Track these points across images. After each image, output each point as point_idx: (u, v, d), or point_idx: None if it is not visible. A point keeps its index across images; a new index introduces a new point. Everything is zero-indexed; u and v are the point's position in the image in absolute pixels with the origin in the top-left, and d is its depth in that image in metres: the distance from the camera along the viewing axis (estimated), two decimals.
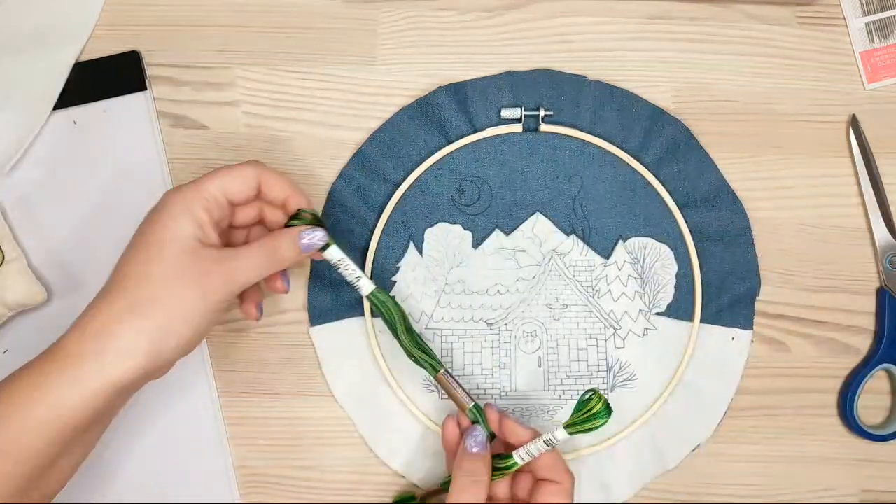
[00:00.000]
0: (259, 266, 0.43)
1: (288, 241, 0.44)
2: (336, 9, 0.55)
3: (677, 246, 0.53)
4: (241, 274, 0.43)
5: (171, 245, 0.41)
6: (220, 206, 0.43)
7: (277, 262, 0.44)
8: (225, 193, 0.44)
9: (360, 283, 0.46)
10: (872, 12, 0.56)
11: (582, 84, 0.54)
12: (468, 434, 0.45)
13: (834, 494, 0.53)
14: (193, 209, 0.42)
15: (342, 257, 0.46)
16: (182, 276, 0.41)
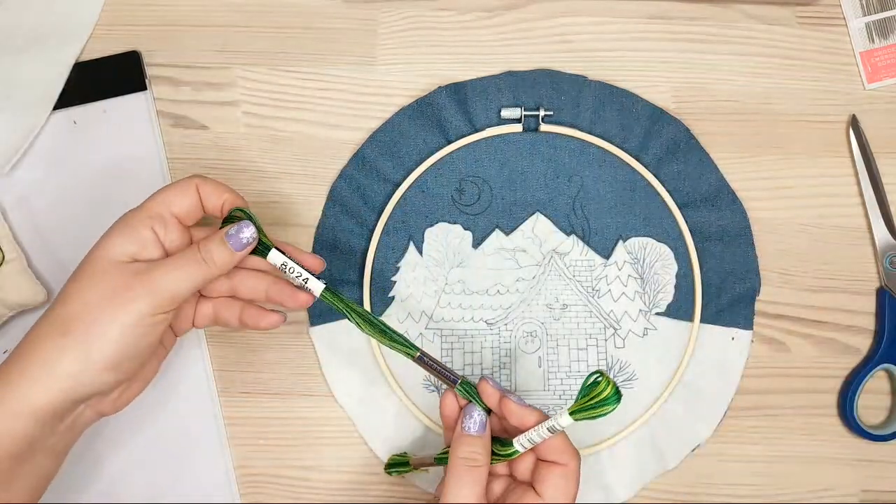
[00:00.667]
0: (188, 273, 0.41)
1: (216, 242, 0.42)
2: (336, 9, 0.55)
3: (677, 246, 0.53)
4: (167, 283, 0.40)
5: (99, 262, 0.41)
6: (165, 222, 0.42)
7: (210, 266, 0.42)
8: (169, 208, 0.43)
9: (310, 285, 0.44)
10: (872, 12, 0.56)
11: (582, 84, 0.54)
12: (465, 414, 0.43)
13: (834, 494, 0.53)
14: (136, 228, 0.41)
15: (284, 260, 0.44)
16: (101, 291, 0.40)
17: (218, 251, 0.42)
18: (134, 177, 0.54)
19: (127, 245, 0.41)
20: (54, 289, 0.52)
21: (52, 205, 0.53)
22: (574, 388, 0.52)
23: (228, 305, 0.46)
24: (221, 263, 0.42)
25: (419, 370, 0.52)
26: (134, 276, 0.40)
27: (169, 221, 0.43)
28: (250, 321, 0.46)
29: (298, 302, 0.45)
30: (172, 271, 0.41)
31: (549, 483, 0.42)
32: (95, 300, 0.40)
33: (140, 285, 0.40)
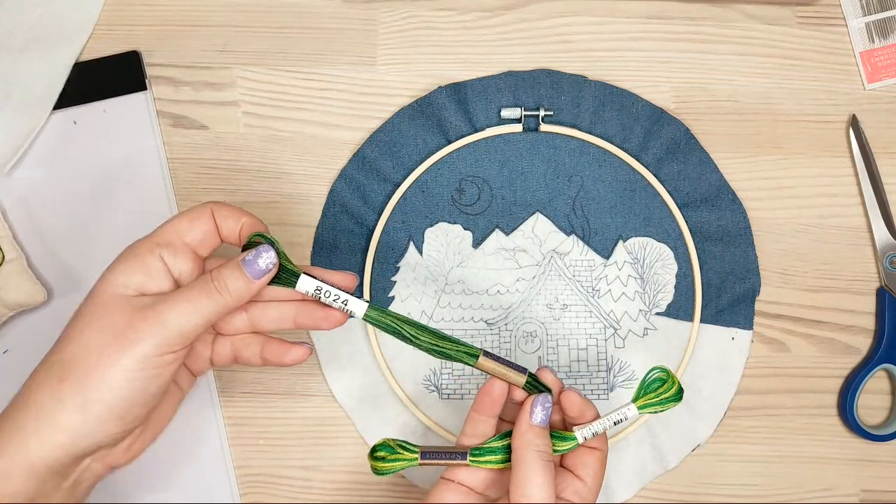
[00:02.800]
0: (199, 306, 0.36)
1: (230, 269, 0.38)
2: (336, 9, 0.55)
3: (677, 246, 0.53)
4: (175, 318, 0.36)
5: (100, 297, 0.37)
6: (175, 250, 0.38)
7: (224, 297, 0.37)
8: (180, 237, 0.39)
9: (351, 307, 0.40)
10: (872, 12, 0.56)
11: (582, 84, 0.54)
12: (536, 404, 0.40)
13: (834, 494, 0.53)
14: (142, 256, 0.38)
15: (319, 284, 0.40)
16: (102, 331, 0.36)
17: (233, 280, 0.37)
18: (134, 177, 0.54)
19: (132, 275, 0.37)
20: (54, 289, 0.52)
21: (52, 205, 0.53)
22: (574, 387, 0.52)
23: (249, 342, 0.42)
24: (237, 294, 0.37)
25: (419, 370, 0.52)
26: (138, 313, 0.36)
27: (180, 250, 0.38)
28: (273, 357, 0.41)
29: (334, 322, 0.41)
30: (181, 304, 0.36)
31: (590, 468, 0.41)
32: (95, 342, 0.36)
33: (144, 323, 0.36)
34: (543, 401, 0.41)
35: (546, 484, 0.38)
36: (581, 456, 0.42)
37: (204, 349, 0.42)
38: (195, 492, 0.52)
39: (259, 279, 0.38)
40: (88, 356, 0.35)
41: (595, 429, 0.41)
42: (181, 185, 0.54)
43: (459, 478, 0.42)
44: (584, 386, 0.52)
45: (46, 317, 0.52)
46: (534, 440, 0.40)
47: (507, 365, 0.42)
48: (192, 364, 0.42)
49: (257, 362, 0.42)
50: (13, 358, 0.52)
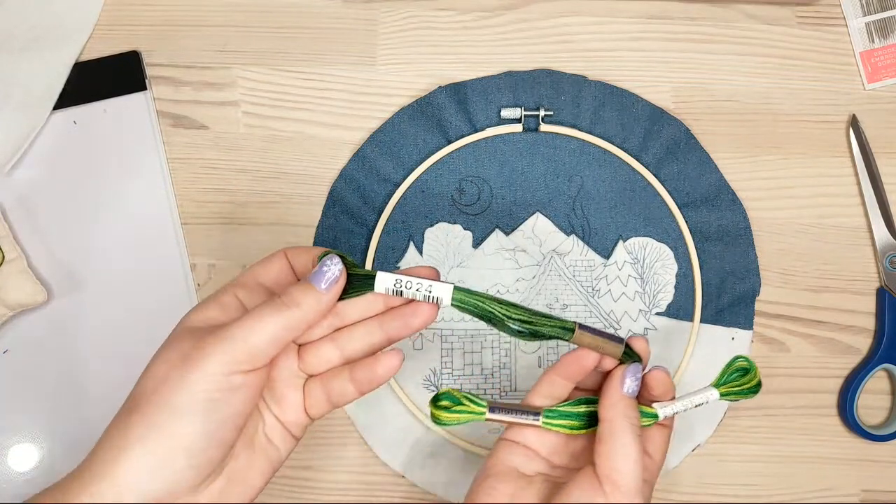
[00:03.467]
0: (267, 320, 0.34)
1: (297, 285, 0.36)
2: (336, 9, 0.55)
3: (677, 246, 0.53)
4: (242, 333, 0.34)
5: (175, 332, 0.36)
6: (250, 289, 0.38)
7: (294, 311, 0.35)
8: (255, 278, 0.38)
9: (436, 292, 0.37)
10: (872, 12, 0.56)
11: (582, 84, 0.54)
12: (629, 375, 0.39)
13: (834, 494, 0.53)
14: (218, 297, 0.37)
15: (398, 277, 0.37)
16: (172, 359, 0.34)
17: (301, 293, 0.35)
18: (134, 177, 0.54)
19: (207, 311, 0.36)
20: (54, 289, 0.52)
21: (52, 205, 0.53)
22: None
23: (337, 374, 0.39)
24: (307, 306, 0.35)
25: (419, 370, 0.52)
26: (206, 335, 0.34)
27: (254, 289, 0.38)
28: (365, 376, 0.38)
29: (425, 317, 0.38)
30: (248, 321, 0.34)
31: (659, 445, 0.41)
32: (164, 369, 0.34)
33: (211, 341, 0.34)
34: (635, 370, 0.39)
35: (639, 460, 0.37)
36: (653, 433, 0.41)
37: (295, 395, 0.39)
38: None
39: (328, 287, 0.36)
40: (157, 385, 0.34)
41: (677, 409, 0.40)
42: (181, 185, 0.54)
43: (525, 439, 0.41)
44: None
45: (46, 317, 0.52)
46: (626, 410, 0.38)
47: (603, 336, 0.39)
48: (284, 415, 0.38)
49: (352, 393, 0.39)
50: (13, 358, 0.52)
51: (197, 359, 0.33)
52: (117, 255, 0.53)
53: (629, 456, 0.37)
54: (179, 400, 0.33)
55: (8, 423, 0.52)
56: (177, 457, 0.33)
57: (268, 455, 0.37)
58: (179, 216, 0.53)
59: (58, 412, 0.52)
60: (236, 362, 0.34)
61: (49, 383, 0.52)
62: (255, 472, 0.37)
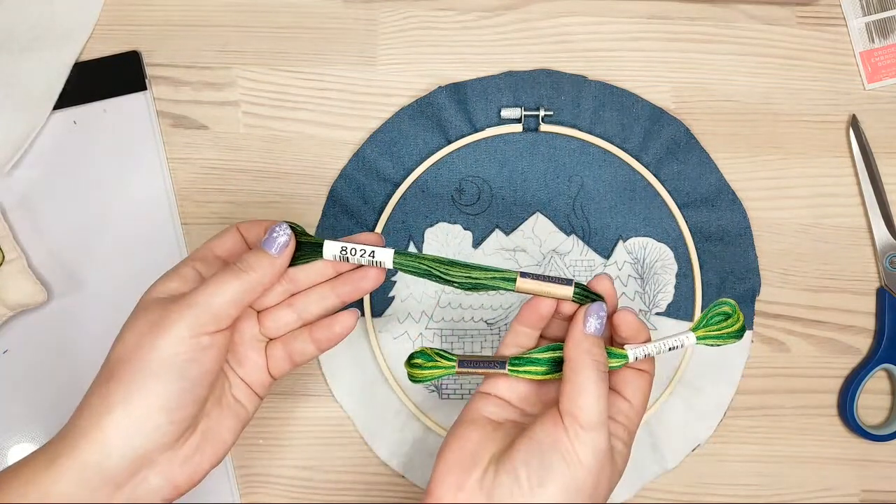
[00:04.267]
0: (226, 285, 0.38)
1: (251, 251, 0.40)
2: (336, 9, 0.55)
3: (677, 246, 0.53)
4: (205, 298, 0.37)
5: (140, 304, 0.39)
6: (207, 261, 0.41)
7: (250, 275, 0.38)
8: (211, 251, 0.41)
9: (378, 257, 0.40)
10: (872, 12, 0.56)
11: (582, 84, 0.54)
12: (590, 313, 0.39)
13: (834, 494, 0.53)
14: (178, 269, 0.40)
15: (343, 245, 0.40)
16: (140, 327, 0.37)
17: (255, 258, 0.39)
18: (134, 177, 0.54)
19: (168, 283, 0.39)
20: (54, 289, 0.52)
21: (52, 205, 0.53)
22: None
23: (298, 335, 0.42)
24: (262, 270, 0.39)
25: None
26: (171, 303, 0.37)
27: (211, 261, 0.41)
28: (324, 335, 0.42)
29: (372, 279, 0.41)
30: (210, 287, 0.38)
31: (638, 390, 0.40)
32: (135, 338, 0.37)
33: (175, 307, 0.37)
34: (597, 309, 0.39)
35: (602, 396, 0.37)
36: (628, 377, 0.40)
37: (257, 357, 0.42)
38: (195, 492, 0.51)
39: (280, 252, 0.39)
40: (130, 352, 0.37)
41: (648, 350, 0.40)
42: (181, 185, 0.54)
43: (497, 390, 0.41)
44: None
45: (46, 317, 0.52)
46: (589, 348, 0.38)
47: (549, 281, 0.40)
48: (248, 376, 0.42)
49: (313, 351, 0.42)
50: (13, 358, 0.52)
51: (166, 325, 0.37)
52: (117, 255, 0.53)
53: (590, 391, 0.37)
54: (154, 363, 0.36)
55: (8, 424, 0.51)
56: (156, 415, 0.36)
57: (236, 413, 0.41)
58: (179, 216, 0.53)
59: (58, 412, 0.52)
60: (201, 325, 0.37)
61: (49, 383, 0.52)
62: (225, 428, 0.40)
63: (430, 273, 0.41)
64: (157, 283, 0.40)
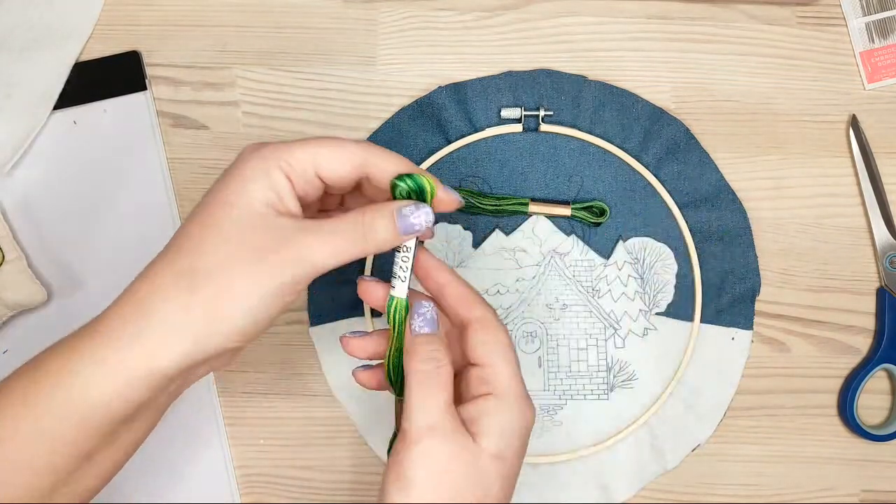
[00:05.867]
0: (343, 248, 0.35)
1: (384, 217, 0.36)
2: (336, 9, 0.55)
3: (677, 246, 0.53)
4: (318, 255, 0.34)
5: (237, 208, 0.34)
6: (306, 179, 0.36)
7: (370, 245, 0.35)
8: (315, 166, 0.36)
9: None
10: (872, 12, 0.56)
11: (582, 84, 0.54)
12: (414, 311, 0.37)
13: (834, 494, 0.53)
14: (271, 172, 0.35)
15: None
16: (242, 248, 0.34)
17: (383, 230, 0.35)
18: (134, 177, 0.54)
19: (261, 191, 0.35)
20: (54, 289, 0.52)
21: (52, 205, 0.53)
22: (574, 387, 0.52)
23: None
24: (382, 243, 0.36)
25: None
26: (283, 238, 0.34)
27: (310, 179, 0.36)
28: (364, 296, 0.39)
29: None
30: (327, 242, 0.34)
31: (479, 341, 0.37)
32: (235, 259, 0.34)
33: (288, 251, 0.34)
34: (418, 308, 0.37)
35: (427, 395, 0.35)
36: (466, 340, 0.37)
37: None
38: (195, 492, 0.52)
39: (406, 235, 0.36)
40: (227, 272, 0.34)
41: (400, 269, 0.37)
42: (181, 185, 0.54)
43: None
44: (584, 386, 0.52)
45: (46, 317, 0.52)
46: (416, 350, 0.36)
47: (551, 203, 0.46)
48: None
49: None
50: (13, 358, 0.52)
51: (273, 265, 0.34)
52: (117, 255, 0.53)
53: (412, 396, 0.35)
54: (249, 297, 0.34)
55: None
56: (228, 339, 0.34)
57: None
58: (179, 216, 0.53)
59: None
60: (306, 277, 0.34)
61: None
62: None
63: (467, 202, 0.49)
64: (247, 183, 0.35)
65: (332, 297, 0.52)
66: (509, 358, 0.37)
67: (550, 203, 0.52)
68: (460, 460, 0.34)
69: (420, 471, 0.34)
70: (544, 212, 0.52)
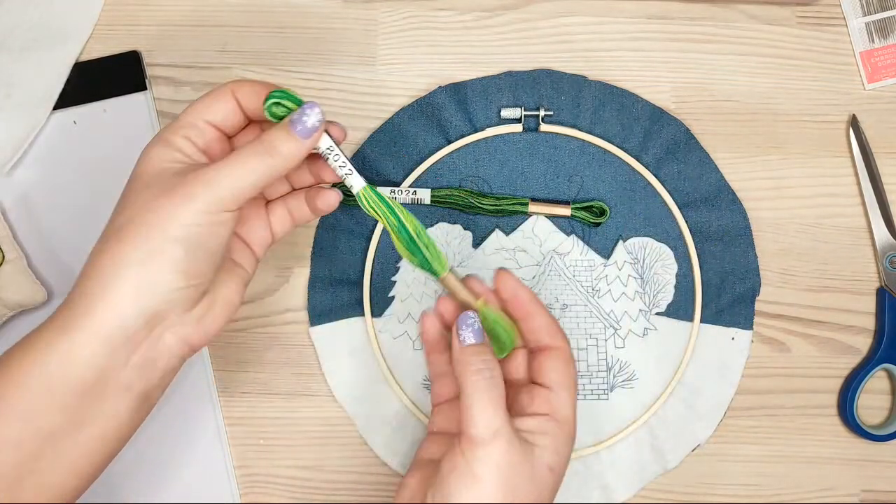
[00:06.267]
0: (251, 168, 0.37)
1: (279, 131, 0.38)
2: (336, 9, 0.55)
3: (677, 246, 0.53)
4: (227, 180, 0.36)
5: (144, 172, 0.37)
6: (201, 132, 0.39)
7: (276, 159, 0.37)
8: (203, 118, 0.39)
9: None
10: (872, 12, 0.56)
11: (582, 84, 0.54)
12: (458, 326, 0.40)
13: (834, 494, 0.53)
14: (170, 139, 0.38)
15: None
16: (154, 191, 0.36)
17: (283, 142, 0.37)
18: None
19: (166, 153, 0.38)
20: (54, 289, 0.52)
21: (52, 205, 0.53)
22: None
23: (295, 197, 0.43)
24: (289, 154, 0.37)
25: (419, 370, 0.52)
26: (189, 174, 0.36)
27: (203, 129, 0.39)
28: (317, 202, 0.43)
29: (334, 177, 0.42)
30: (233, 167, 0.36)
31: (549, 368, 0.40)
32: (149, 202, 0.36)
33: (196, 181, 0.36)
34: (464, 319, 0.40)
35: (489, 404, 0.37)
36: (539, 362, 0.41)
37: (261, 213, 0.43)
38: (195, 492, 0.52)
39: (308, 138, 0.38)
40: (144, 214, 0.36)
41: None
42: None
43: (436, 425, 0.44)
44: (584, 385, 0.52)
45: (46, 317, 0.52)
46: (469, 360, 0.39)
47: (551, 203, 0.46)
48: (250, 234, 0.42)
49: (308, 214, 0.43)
50: None
51: (185, 195, 0.35)
52: None
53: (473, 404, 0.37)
54: (172, 229, 0.35)
55: None
56: (174, 277, 0.36)
57: (238, 275, 0.41)
58: None
59: None
60: (222, 202, 0.36)
61: None
62: (232, 290, 0.40)
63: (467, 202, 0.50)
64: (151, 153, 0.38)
65: (332, 297, 0.52)
66: (573, 391, 0.41)
67: (550, 203, 0.52)
68: (523, 465, 0.37)
69: (486, 469, 0.36)
70: (544, 212, 0.52)
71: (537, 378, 0.41)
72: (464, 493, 0.36)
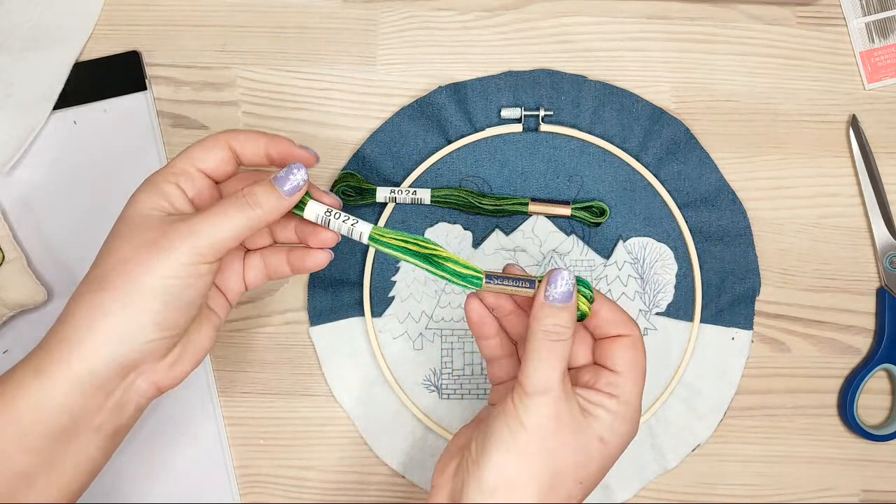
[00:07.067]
0: (231, 219, 0.37)
1: (262, 186, 0.39)
2: (336, 9, 0.55)
3: (677, 246, 0.53)
4: (208, 229, 0.37)
5: (130, 219, 0.38)
6: (191, 177, 0.40)
7: (256, 211, 0.38)
8: (195, 165, 0.40)
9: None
10: (872, 12, 0.56)
11: (582, 84, 0.54)
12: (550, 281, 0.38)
13: (834, 494, 0.53)
14: (159, 185, 0.39)
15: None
16: (136, 243, 0.37)
17: (265, 195, 0.38)
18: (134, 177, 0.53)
19: (154, 200, 0.38)
20: (54, 289, 0.52)
21: (52, 205, 0.53)
22: None
23: (275, 252, 0.44)
24: (269, 208, 0.38)
25: (419, 370, 0.52)
26: (170, 226, 0.37)
27: (196, 177, 0.40)
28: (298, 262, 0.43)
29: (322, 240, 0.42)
30: (214, 217, 0.37)
31: (619, 355, 0.39)
32: (131, 253, 0.37)
33: (177, 233, 0.37)
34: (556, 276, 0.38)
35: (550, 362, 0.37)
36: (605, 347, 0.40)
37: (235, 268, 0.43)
38: (195, 492, 0.52)
39: (291, 196, 0.39)
40: (125, 265, 0.37)
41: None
42: None
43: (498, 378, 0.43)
44: None
45: (46, 317, 0.52)
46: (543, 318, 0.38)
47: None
48: (225, 283, 0.43)
49: (287, 271, 0.44)
50: (13, 358, 0.52)
51: (165, 247, 0.37)
52: None
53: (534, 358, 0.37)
54: (150, 280, 0.36)
55: None
56: (149, 329, 0.37)
57: (210, 320, 0.42)
58: None
59: None
60: (201, 254, 0.37)
61: None
62: (204, 336, 0.41)
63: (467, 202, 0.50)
64: (138, 197, 0.39)
65: (332, 298, 0.52)
66: (642, 380, 0.40)
67: (550, 203, 0.52)
68: (569, 426, 0.37)
69: (533, 418, 0.37)
70: (544, 212, 0.52)
71: (604, 362, 0.39)
72: (506, 436, 0.37)
